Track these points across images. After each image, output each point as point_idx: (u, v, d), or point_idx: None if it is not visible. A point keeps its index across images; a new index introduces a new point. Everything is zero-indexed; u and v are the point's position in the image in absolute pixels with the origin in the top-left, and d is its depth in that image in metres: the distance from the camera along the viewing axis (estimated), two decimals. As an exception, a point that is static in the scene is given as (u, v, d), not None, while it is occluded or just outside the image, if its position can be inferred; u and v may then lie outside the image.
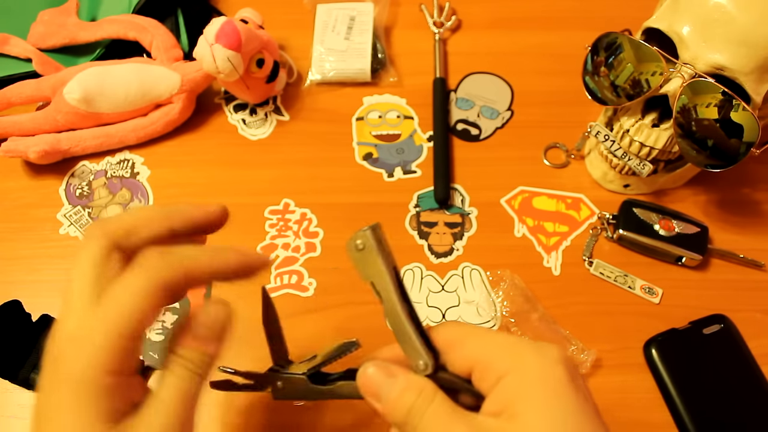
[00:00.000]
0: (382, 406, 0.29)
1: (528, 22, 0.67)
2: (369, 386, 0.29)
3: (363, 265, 0.28)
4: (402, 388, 0.28)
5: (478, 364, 0.28)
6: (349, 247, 0.28)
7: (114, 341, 0.27)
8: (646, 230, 0.52)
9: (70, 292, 0.29)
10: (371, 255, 0.28)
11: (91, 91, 0.56)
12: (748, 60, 0.44)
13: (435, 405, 0.28)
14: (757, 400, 0.46)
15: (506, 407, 0.26)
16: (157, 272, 0.28)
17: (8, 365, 0.46)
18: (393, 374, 0.29)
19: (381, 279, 0.28)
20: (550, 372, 0.27)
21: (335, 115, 0.61)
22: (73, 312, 0.28)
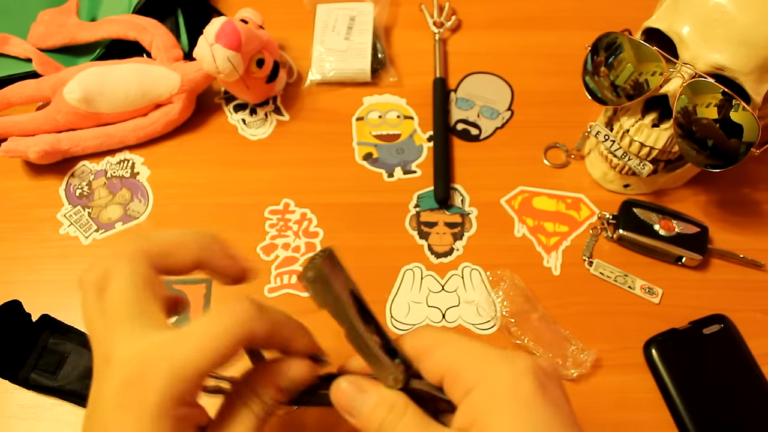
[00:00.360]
0: (355, 421, 0.29)
1: (528, 22, 0.67)
2: (342, 401, 0.29)
3: (317, 294, 0.28)
4: (373, 404, 0.28)
5: (448, 373, 0.28)
6: (302, 277, 0.28)
7: (195, 373, 0.26)
8: (646, 230, 0.52)
9: (115, 311, 0.28)
10: (324, 284, 0.27)
11: (91, 91, 0.56)
12: (748, 60, 0.44)
13: (406, 419, 0.28)
14: (757, 400, 0.46)
15: (475, 421, 0.26)
16: (252, 322, 0.28)
17: (8, 365, 0.46)
18: (364, 389, 0.29)
19: (336, 306, 0.28)
20: (518, 383, 0.26)
21: (335, 115, 0.61)
22: (134, 334, 0.27)
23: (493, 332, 0.50)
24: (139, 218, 0.56)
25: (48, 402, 0.47)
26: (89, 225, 0.55)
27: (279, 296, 0.51)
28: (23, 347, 0.47)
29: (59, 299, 0.51)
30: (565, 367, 0.47)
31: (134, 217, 0.56)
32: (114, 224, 0.55)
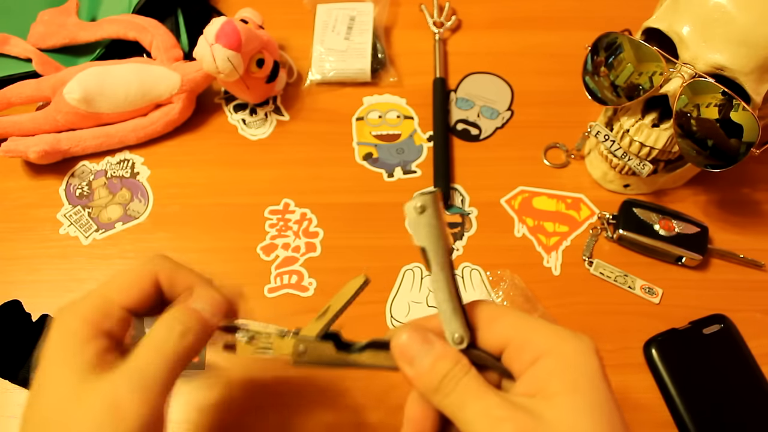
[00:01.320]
0: (414, 371, 0.29)
1: (528, 22, 0.67)
2: (404, 350, 0.29)
3: (420, 228, 0.27)
4: (438, 355, 0.28)
5: (512, 342, 0.28)
6: (409, 208, 0.27)
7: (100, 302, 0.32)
8: (646, 230, 0.52)
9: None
10: (431, 219, 0.27)
11: (91, 91, 0.56)
12: (748, 60, 0.44)
13: (470, 376, 0.28)
14: (757, 400, 0.46)
15: (541, 388, 0.27)
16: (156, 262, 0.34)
17: (8, 365, 0.46)
18: (429, 341, 0.29)
19: (435, 245, 0.27)
20: (587, 360, 0.27)
21: (335, 115, 0.61)
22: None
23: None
24: (139, 218, 0.56)
25: (48, 402, 0.47)
26: (89, 225, 0.55)
27: (279, 296, 0.51)
28: (23, 347, 0.47)
29: (59, 299, 0.51)
30: (565, 367, 0.47)
31: (134, 217, 0.56)
32: (114, 224, 0.55)
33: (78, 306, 0.31)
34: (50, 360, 0.30)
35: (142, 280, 0.33)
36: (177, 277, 0.34)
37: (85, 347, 0.30)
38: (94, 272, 0.53)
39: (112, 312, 0.31)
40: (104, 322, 0.31)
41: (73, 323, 0.31)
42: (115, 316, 0.31)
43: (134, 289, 0.32)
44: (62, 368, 0.29)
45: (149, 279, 0.33)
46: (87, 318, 0.31)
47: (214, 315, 0.33)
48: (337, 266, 0.53)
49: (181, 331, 0.31)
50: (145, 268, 0.33)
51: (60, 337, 0.31)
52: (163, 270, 0.33)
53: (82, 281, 0.52)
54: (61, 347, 0.30)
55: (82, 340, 0.30)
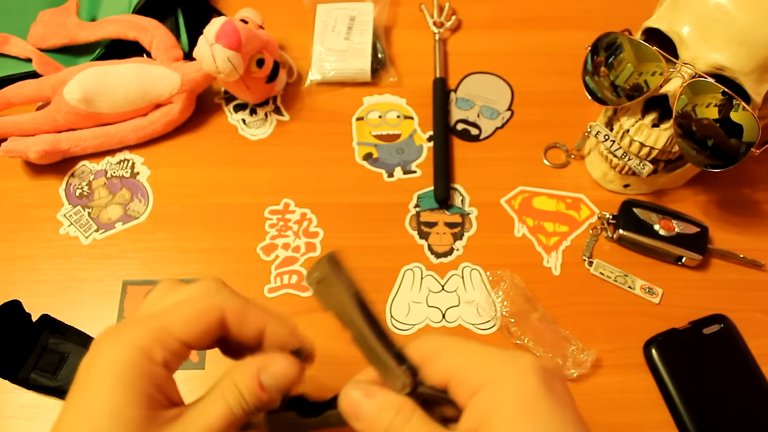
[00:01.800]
0: (361, 425, 0.29)
1: (528, 22, 0.67)
2: (349, 407, 0.29)
3: (324, 296, 0.28)
4: (380, 407, 0.28)
5: (453, 376, 0.28)
6: (308, 280, 0.28)
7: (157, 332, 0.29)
8: (646, 230, 0.52)
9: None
10: (330, 286, 0.27)
11: (91, 91, 0.56)
12: (748, 60, 0.44)
13: (412, 423, 0.28)
14: (757, 400, 0.46)
15: (482, 422, 0.26)
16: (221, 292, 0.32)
17: (8, 365, 0.46)
18: (371, 394, 0.29)
19: (343, 309, 0.28)
20: (524, 383, 0.26)
21: (335, 115, 0.61)
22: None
23: (493, 332, 0.50)
24: (139, 218, 0.56)
25: (48, 402, 0.47)
26: (89, 225, 0.55)
27: (279, 296, 0.51)
28: (23, 347, 0.47)
29: (59, 299, 0.51)
30: (565, 367, 0.47)
31: (134, 217, 0.56)
32: (114, 224, 0.55)
33: (130, 333, 0.29)
34: (103, 392, 0.27)
35: (208, 315, 0.30)
36: (247, 316, 0.31)
37: (147, 381, 0.28)
38: (94, 272, 0.53)
39: (170, 345, 0.29)
40: (161, 354, 0.29)
41: (127, 352, 0.28)
42: (171, 349, 0.29)
43: (199, 324, 0.30)
44: (124, 405, 0.27)
45: (215, 315, 0.30)
46: (142, 347, 0.28)
47: (280, 392, 0.31)
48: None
49: (243, 407, 0.29)
50: (211, 303, 0.31)
51: (114, 368, 0.28)
52: (231, 307, 0.31)
53: (82, 281, 0.52)
54: (117, 379, 0.27)
55: (142, 372, 0.28)
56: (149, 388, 0.28)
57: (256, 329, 0.32)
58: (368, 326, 0.28)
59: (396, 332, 0.50)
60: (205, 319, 0.30)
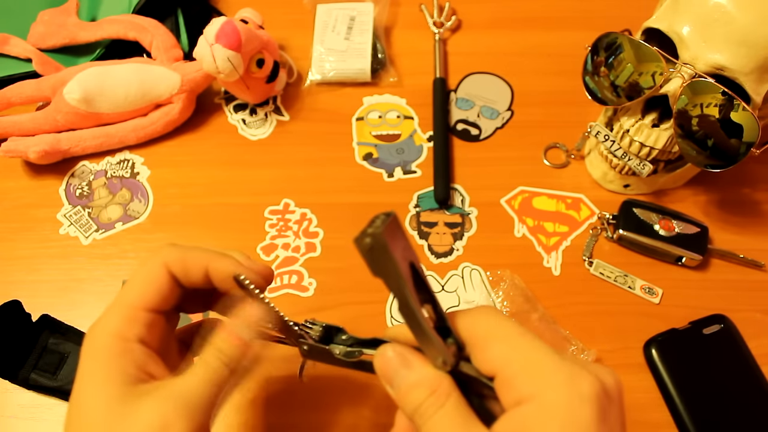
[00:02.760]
0: (393, 392, 0.28)
1: (528, 22, 0.67)
2: (384, 370, 0.28)
3: (373, 262, 0.25)
4: (413, 383, 0.27)
5: (501, 373, 0.25)
6: (358, 243, 0.25)
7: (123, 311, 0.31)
8: (646, 230, 0.52)
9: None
10: (381, 254, 0.24)
11: (91, 91, 0.56)
12: (748, 60, 0.44)
13: (445, 410, 0.26)
14: (757, 400, 0.46)
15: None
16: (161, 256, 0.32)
17: (8, 365, 0.46)
18: (409, 364, 0.27)
19: (391, 279, 0.25)
20: (578, 410, 0.24)
21: (335, 115, 0.61)
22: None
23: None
24: (139, 218, 0.56)
25: (48, 402, 0.47)
26: (89, 225, 0.55)
27: (279, 296, 0.51)
28: (23, 347, 0.47)
29: (59, 299, 0.51)
30: (565, 367, 0.47)
31: (134, 217, 0.56)
32: (114, 224, 0.55)
33: (103, 321, 0.31)
34: (87, 380, 0.29)
35: (155, 276, 0.32)
36: (188, 262, 0.32)
37: (120, 361, 0.29)
38: (94, 272, 0.53)
39: (137, 318, 0.31)
40: (131, 330, 0.30)
41: (102, 339, 0.30)
42: (141, 322, 0.31)
43: (150, 288, 0.31)
44: (102, 387, 0.29)
45: (162, 273, 0.32)
46: (113, 331, 0.30)
47: (253, 334, 0.32)
48: (337, 266, 0.53)
49: (225, 362, 0.30)
50: (155, 264, 0.32)
51: (92, 356, 0.30)
52: (172, 260, 0.32)
53: (82, 281, 0.52)
54: (95, 366, 0.29)
55: (116, 354, 0.29)
56: (125, 366, 0.29)
57: (200, 271, 0.32)
58: (417, 297, 0.26)
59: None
60: (155, 279, 0.31)
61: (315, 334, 0.34)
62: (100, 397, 0.28)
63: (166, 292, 0.32)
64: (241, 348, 0.31)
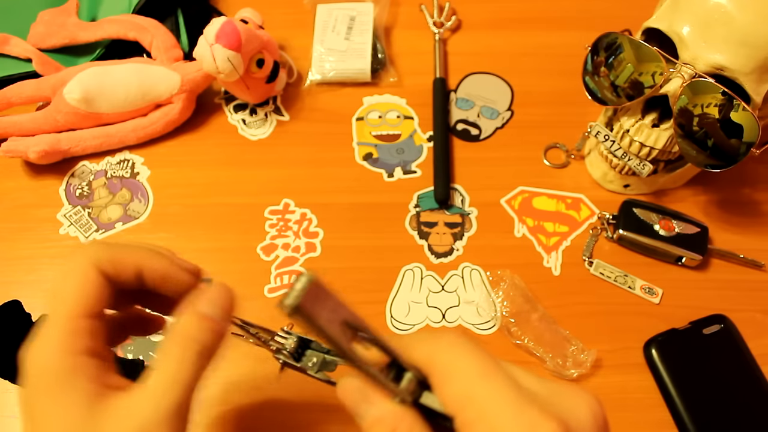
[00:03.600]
0: (359, 423, 0.27)
1: (528, 22, 0.67)
2: (347, 402, 0.27)
3: (301, 323, 0.24)
4: (375, 418, 0.26)
5: (459, 416, 0.24)
6: (282, 308, 0.24)
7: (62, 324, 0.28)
8: (646, 230, 0.52)
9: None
10: (305, 318, 0.23)
11: (91, 91, 0.56)
12: (748, 60, 0.44)
13: None
14: (757, 400, 0.46)
15: None
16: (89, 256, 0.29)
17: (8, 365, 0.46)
18: (368, 400, 0.26)
19: (324, 338, 0.24)
20: None
21: (335, 115, 0.61)
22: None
23: (493, 332, 0.50)
24: (139, 218, 0.56)
25: (48, 402, 0.47)
26: (89, 225, 0.55)
27: (279, 296, 0.51)
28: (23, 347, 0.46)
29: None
30: (565, 367, 0.47)
31: (134, 217, 0.56)
32: (114, 224, 0.55)
33: (41, 340, 0.28)
34: (41, 410, 0.27)
35: (86, 279, 0.29)
36: (119, 262, 0.29)
37: (76, 380, 0.27)
38: (94, 272, 0.53)
39: (78, 329, 0.28)
40: (77, 343, 0.27)
41: (46, 360, 0.27)
42: (84, 331, 0.28)
43: (84, 293, 0.28)
44: (62, 413, 0.26)
45: (93, 275, 0.29)
46: (57, 348, 0.27)
47: (226, 315, 0.29)
48: (337, 266, 0.53)
49: (198, 351, 0.28)
50: (82, 265, 0.29)
51: (40, 381, 0.27)
52: (101, 259, 0.29)
53: (82, 281, 0.52)
54: (47, 391, 0.27)
55: (68, 372, 0.27)
56: (83, 384, 0.27)
57: (132, 271, 0.30)
58: (354, 348, 0.25)
59: (396, 332, 0.50)
60: (87, 282, 0.28)
61: (289, 345, 0.32)
62: (63, 426, 0.26)
63: (101, 294, 0.29)
64: (215, 331, 0.28)
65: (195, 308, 0.29)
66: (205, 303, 0.29)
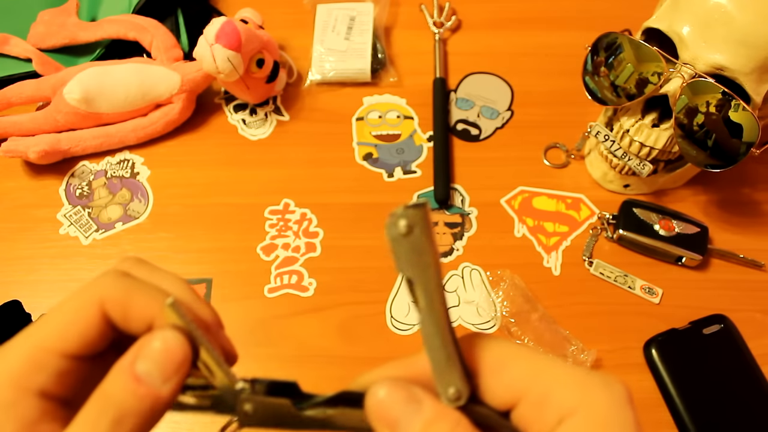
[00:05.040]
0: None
1: (528, 22, 0.67)
2: (384, 413, 0.22)
3: (405, 254, 0.20)
4: (430, 419, 0.22)
5: (527, 395, 0.22)
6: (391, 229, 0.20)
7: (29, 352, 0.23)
8: (646, 230, 0.52)
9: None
10: (419, 243, 0.20)
11: (91, 91, 0.56)
12: (748, 60, 0.44)
13: None
14: (757, 400, 0.46)
15: None
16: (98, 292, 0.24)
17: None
18: (417, 399, 0.22)
19: (425, 276, 0.21)
20: (623, 416, 0.23)
21: (335, 115, 0.61)
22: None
23: (493, 332, 0.50)
24: (139, 218, 0.56)
25: (48, 402, 0.47)
26: (89, 225, 0.55)
27: (279, 296, 0.51)
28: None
29: (59, 299, 0.51)
30: (565, 367, 0.47)
31: (134, 217, 0.56)
32: (114, 224, 0.55)
33: (1, 359, 0.23)
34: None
35: (81, 315, 0.23)
36: (131, 305, 0.23)
37: (6, 417, 0.22)
38: (94, 272, 0.53)
39: (44, 363, 0.23)
40: (33, 378, 0.22)
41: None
42: (49, 369, 0.23)
43: (72, 328, 0.23)
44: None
45: (93, 312, 0.23)
46: (9, 376, 0.22)
47: (168, 379, 0.22)
48: (337, 266, 0.53)
49: (114, 417, 0.22)
50: (86, 297, 0.24)
51: None
52: (111, 297, 0.24)
53: (82, 281, 0.52)
54: None
55: (3, 406, 0.22)
56: (4, 424, 0.22)
57: (143, 321, 0.23)
58: (444, 310, 0.21)
59: (396, 333, 0.50)
60: (80, 318, 0.23)
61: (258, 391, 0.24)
62: None
63: (92, 336, 0.23)
64: (143, 399, 0.22)
65: (128, 363, 0.22)
66: (140, 356, 0.22)
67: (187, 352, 0.23)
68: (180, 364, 0.22)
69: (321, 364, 0.49)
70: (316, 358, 0.49)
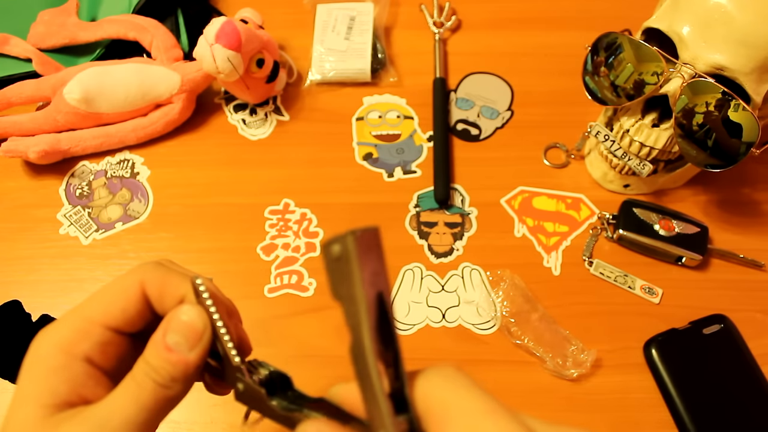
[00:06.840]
0: None
1: (528, 22, 0.67)
2: None
3: (337, 279, 0.20)
4: None
5: None
6: (324, 250, 0.20)
7: (77, 323, 0.27)
8: (646, 230, 0.52)
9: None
10: (348, 270, 0.20)
11: (91, 91, 0.56)
12: (748, 60, 0.44)
13: None
14: (757, 400, 0.46)
15: None
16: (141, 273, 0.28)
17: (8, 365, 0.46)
18: None
19: (351, 304, 0.20)
20: None
21: (335, 115, 0.61)
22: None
23: (493, 332, 0.50)
24: (139, 218, 0.56)
25: (48, 402, 0.47)
26: (89, 225, 0.55)
27: (279, 296, 0.51)
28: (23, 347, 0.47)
29: (59, 299, 0.51)
30: (565, 367, 0.47)
31: (134, 217, 0.56)
32: (114, 224, 0.55)
33: (51, 330, 0.27)
34: (18, 394, 0.26)
35: (125, 293, 0.28)
36: (166, 286, 0.28)
37: (54, 378, 0.26)
38: (94, 272, 0.53)
39: (90, 332, 0.27)
40: (79, 345, 0.26)
41: (43, 349, 0.26)
42: (93, 337, 0.27)
43: (116, 304, 0.27)
44: (28, 405, 0.25)
45: (134, 291, 0.28)
46: (59, 342, 0.26)
47: (193, 346, 0.26)
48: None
49: (155, 380, 0.26)
50: (130, 279, 0.28)
51: (30, 367, 0.26)
52: (150, 279, 0.28)
53: (82, 281, 0.52)
54: (29, 378, 0.26)
55: (53, 369, 0.26)
56: (57, 385, 0.26)
57: (174, 300, 0.28)
58: (377, 339, 0.21)
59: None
60: (124, 295, 0.28)
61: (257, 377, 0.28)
62: (22, 418, 0.25)
63: (132, 312, 0.28)
64: (176, 365, 0.26)
65: (161, 336, 0.27)
66: (171, 331, 0.27)
67: (207, 323, 0.27)
68: (201, 334, 0.27)
69: (321, 364, 0.49)
70: (315, 358, 0.49)
